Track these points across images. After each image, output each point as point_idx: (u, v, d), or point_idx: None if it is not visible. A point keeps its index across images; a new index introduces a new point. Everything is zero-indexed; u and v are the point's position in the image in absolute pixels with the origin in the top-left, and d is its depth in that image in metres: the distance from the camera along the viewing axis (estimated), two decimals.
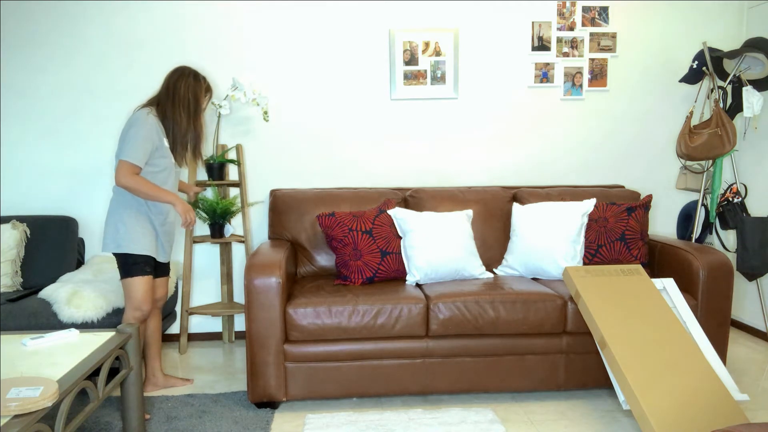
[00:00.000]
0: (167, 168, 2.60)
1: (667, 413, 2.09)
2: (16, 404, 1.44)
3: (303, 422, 2.49)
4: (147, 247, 2.55)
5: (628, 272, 2.68)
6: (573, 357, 2.66)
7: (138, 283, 2.54)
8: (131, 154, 2.44)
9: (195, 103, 2.62)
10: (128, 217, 2.53)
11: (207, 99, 2.70)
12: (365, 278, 2.85)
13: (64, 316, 2.66)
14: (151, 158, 2.52)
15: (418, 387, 2.62)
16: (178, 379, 2.89)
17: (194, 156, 2.69)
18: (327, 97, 3.49)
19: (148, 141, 2.48)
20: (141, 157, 2.47)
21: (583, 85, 3.58)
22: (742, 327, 3.66)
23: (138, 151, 2.45)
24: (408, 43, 3.46)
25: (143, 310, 2.57)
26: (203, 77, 2.67)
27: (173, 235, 2.75)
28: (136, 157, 2.45)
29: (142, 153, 2.46)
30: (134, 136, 2.45)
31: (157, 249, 2.62)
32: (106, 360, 1.91)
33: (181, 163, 2.69)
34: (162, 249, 2.66)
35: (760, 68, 3.25)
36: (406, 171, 3.57)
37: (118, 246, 2.51)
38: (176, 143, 2.61)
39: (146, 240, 2.55)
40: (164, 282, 2.80)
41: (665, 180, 3.72)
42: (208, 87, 2.70)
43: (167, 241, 2.69)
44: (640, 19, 3.59)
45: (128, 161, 2.44)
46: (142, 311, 2.56)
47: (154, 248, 2.60)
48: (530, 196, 3.25)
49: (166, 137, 2.59)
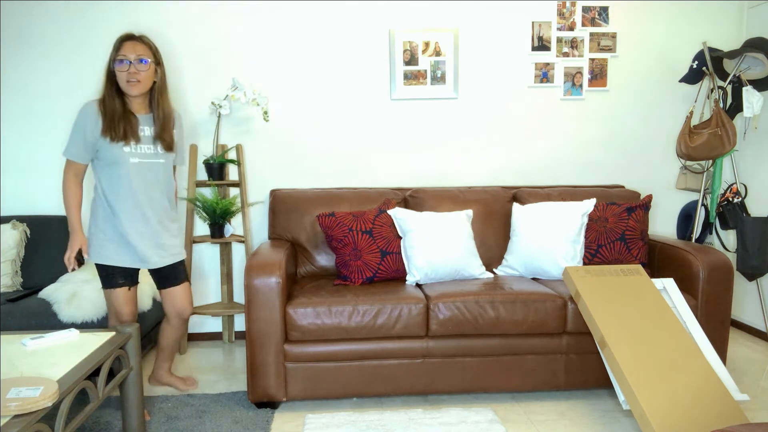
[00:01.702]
0: (118, 161, 2.30)
1: (667, 413, 2.09)
2: (16, 404, 1.44)
3: (303, 422, 2.49)
4: (113, 257, 2.35)
5: (628, 272, 2.68)
6: (573, 357, 2.66)
7: (111, 296, 2.40)
8: (67, 149, 2.32)
9: (108, 71, 2.32)
10: (95, 223, 2.38)
11: (118, 56, 2.29)
12: (365, 278, 2.85)
13: (64, 316, 2.66)
14: (97, 150, 2.31)
15: (418, 387, 2.62)
16: (179, 379, 2.80)
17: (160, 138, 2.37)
18: (327, 97, 3.49)
19: (79, 131, 2.28)
20: (75, 152, 2.30)
21: (583, 85, 3.58)
22: (742, 327, 3.66)
23: (71, 144, 2.29)
24: (408, 43, 3.46)
25: (123, 322, 2.41)
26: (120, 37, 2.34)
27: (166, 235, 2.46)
28: (70, 152, 2.30)
29: (75, 146, 2.29)
30: (72, 129, 2.31)
31: (133, 257, 2.38)
32: (106, 360, 1.91)
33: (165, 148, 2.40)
34: (142, 255, 2.38)
35: (760, 68, 3.25)
36: (406, 171, 3.57)
37: (91, 255, 2.38)
38: (111, 124, 2.27)
39: (112, 249, 2.34)
40: (180, 292, 2.55)
41: (665, 180, 3.72)
42: (116, 44, 2.31)
43: (154, 244, 2.42)
44: (640, 19, 3.59)
45: (66, 157, 2.32)
46: (121, 323, 2.37)
47: (128, 257, 2.37)
48: (530, 196, 3.25)
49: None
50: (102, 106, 2.31)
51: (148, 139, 2.39)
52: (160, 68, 2.41)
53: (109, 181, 2.34)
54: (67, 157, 2.32)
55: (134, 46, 2.31)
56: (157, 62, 2.39)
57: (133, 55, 2.29)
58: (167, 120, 2.43)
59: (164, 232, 2.46)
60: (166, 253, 2.47)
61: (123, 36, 2.34)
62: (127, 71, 2.29)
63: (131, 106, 2.37)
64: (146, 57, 2.32)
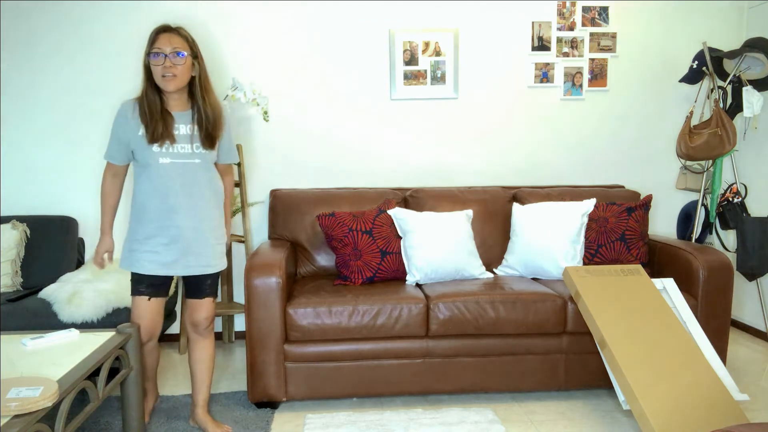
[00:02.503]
0: (148, 162, 2.17)
1: (667, 413, 2.09)
2: (16, 404, 1.44)
3: (303, 422, 2.49)
4: (136, 263, 2.22)
5: (628, 272, 2.68)
6: (573, 357, 2.66)
7: (132, 303, 2.28)
8: (106, 150, 2.27)
9: (145, 66, 2.19)
10: (129, 227, 2.28)
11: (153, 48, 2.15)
12: (365, 278, 2.85)
13: (64, 316, 2.66)
14: (132, 151, 2.23)
15: (418, 387, 2.62)
16: (214, 423, 2.41)
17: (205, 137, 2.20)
18: (327, 97, 3.49)
19: (114, 131, 2.21)
20: (110, 153, 2.24)
21: (583, 85, 3.58)
22: (742, 327, 3.66)
23: (108, 145, 2.25)
24: (408, 43, 3.46)
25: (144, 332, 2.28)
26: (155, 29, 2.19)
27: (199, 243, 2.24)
28: (107, 153, 2.26)
29: (110, 147, 2.24)
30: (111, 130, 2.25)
31: (158, 263, 2.21)
32: (106, 360, 1.91)
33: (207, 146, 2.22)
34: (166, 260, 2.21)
35: (760, 68, 3.25)
36: (406, 171, 3.57)
37: (121, 260, 2.29)
38: (150, 122, 2.15)
39: (139, 254, 2.22)
40: (203, 304, 2.34)
41: (665, 180, 3.72)
42: (152, 36, 2.17)
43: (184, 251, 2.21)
44: (640, 19, 3.59)
45: (104, 158, 2.28)
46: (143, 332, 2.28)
47: (152, 263, 2.21)
48: (530, 196, 3.25)
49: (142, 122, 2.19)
50: (140, 105, 2.19)
51: (184, 138, 2.20)
52: (199, 62, 2.22)
53: (140, 184, 2.23)
54: (105, 158, 2.26)
55: (170, 38, 2.14)
56: (194, 55, 2.20)
57: (168, 48, 2.12)
58: (217, 117, 2.24)
59: (198, 239, 2.24)
60: (196, 263, 2.24)
61: (158, 28, 2.17)
62: (162, 65, 2.13)
63: (168, 103, 2.21)
64: (183, 50, 2.14)
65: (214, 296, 2.38)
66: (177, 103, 2.23)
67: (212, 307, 2.38)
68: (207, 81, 2.25)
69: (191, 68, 2.20)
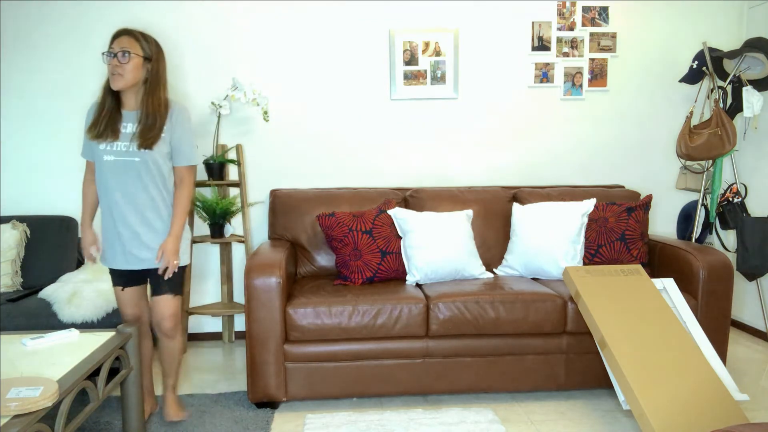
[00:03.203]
0: (97, 159, 2.28)
1: (667, 413, 2.09)
2: (16, 404, 1.44)
3: (303, 422, 2.49)
4: (104, 257, 2.38)
5: (628, 272, 2.68)
6: (573, 357, 2.66)
7: (114, 295, 2.47)
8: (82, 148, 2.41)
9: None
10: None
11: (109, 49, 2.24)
12: (365, 278, 2.85)
13: (64, 316, 2.66)
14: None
15: (418, 387, 2.62)
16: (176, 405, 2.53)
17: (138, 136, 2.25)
18: (327, 97, 3.49)
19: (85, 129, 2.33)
20: (83, 150, 2.38)
21: (583, 85, 3.58)
22: (742, 327, 3.66)
23: (83, 143, 2.38)
24: (408, 43, 3.46)
25: (126, 323, 2.39)
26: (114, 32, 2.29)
27: (150, 236, 2.31)
28: (81, 150, 2.39)
29: (83, 145, 2.37)
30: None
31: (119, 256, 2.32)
32: (106, 360, 1.91)
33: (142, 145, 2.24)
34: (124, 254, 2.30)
35: (760, 68, 3.25)
36: (406, 171, 3.57)
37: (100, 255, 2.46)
38: (95, 121, 2.27)
39: (105, 248, 2.36)
40: (160, 301, 2.35)
41: (665, 180, 3.72)
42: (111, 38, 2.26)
43: (138, 244, 2.30)
44: (640, 19, 3.59)
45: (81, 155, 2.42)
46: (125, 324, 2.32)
47: (113, 257, 2.33)
48: (530, 196, 3.25)
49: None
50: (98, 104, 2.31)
51: (127, 136, 2.26)
52: (152, 64, 2.26)
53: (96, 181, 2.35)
54: (81, 155, 2.39)
55: (122, 40, 2.22)
56: (146, 57, 2.24)
57: (117, 48, 2.21)
58: (152, 118, 2.25)
59: (133, 237, 2.30)
60: (134, 258, 2.31)
61: (117, 31, 2.27)
62: (110, 64, 2.23)
63: (123, 102, 2.29)
64: (130, 50, 2.20)
65: (174, 294, 2.37)
66: (130, 102, 2.30)
67: (172, 306, 2.37)
68: (157, 83, 2.29)
69: (140, 69, 2.25)
